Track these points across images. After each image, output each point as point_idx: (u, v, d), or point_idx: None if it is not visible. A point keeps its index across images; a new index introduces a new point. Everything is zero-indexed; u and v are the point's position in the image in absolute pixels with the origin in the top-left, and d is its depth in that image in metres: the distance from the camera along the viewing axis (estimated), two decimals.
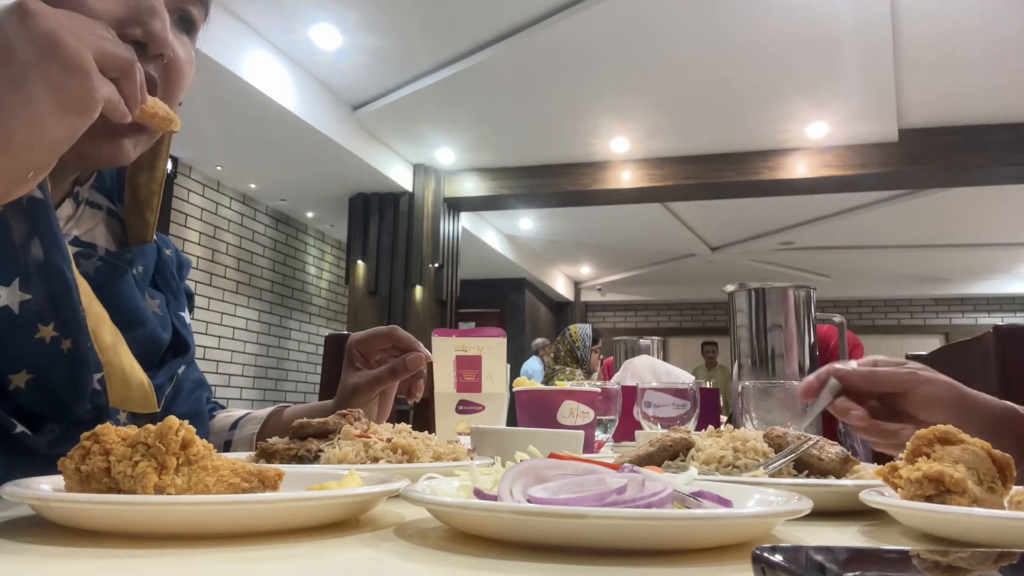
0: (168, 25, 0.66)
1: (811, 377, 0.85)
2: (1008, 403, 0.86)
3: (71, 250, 0.69)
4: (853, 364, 0.85)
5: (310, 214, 7.82)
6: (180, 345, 0.82)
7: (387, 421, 0.91)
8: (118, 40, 0.55)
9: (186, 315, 0.87)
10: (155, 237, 0.83)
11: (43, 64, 0.49)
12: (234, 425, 0.98)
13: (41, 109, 0.49)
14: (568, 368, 4.42)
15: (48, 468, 0.65)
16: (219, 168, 6.36)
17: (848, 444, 1.43)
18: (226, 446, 0.96)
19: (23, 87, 0.49)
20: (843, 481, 0.62)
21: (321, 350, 1.99)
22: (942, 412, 0.80)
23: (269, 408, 1.02)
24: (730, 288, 1.30)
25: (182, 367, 0.84)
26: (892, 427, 0.82)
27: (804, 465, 0.66)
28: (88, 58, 0.51)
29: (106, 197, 0.79)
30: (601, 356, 5.10)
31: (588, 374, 4.46)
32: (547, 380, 4.28)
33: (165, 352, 0.80)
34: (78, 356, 0.67)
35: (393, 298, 6.88)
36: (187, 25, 0.72)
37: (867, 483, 0.58)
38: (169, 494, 0.43)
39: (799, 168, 6.52)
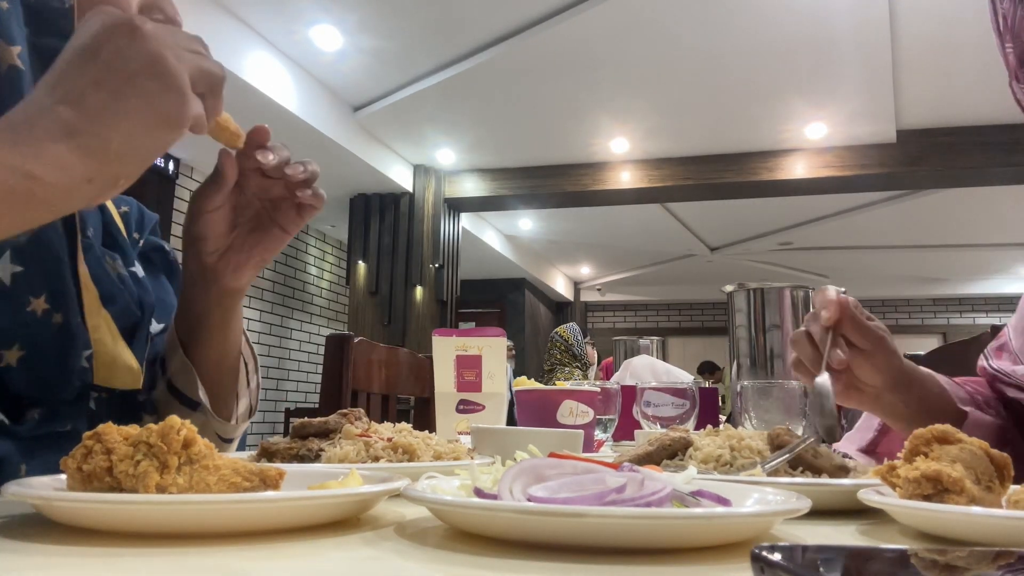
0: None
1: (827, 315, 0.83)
2: (927, 372, 0.89)
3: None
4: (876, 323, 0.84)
5: None
6: (142, 304, 0.81)
7: (388, 421, 0.92)
8: (211, 57, 0.57)
9: (137, 269, 0.84)
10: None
11: (144, 81, 0.52)
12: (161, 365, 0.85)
13: (137, 122, 0.52)
14: (568, 367, 4.44)
15: (28, 447, 0.66)
16: None
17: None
18: (171, 389, 0.82)
19: (124, 101, 0.51)
20: (841, 480, 0.62)
21: (322, 350, 1.99)
22: (880, 378, 0.84)
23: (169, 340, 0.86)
24: (729, 288, 1.30)
25: (155, 326, 0.83)
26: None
27: (801, 464, 0.66)
28: (185, 79, 0.53)
29: None
30: (595, 347, 5.13)
31: (586, 368, 4.48)
32: (546, 381, 4.29)
33: (138, 323, 0.80)
34: (68, 331, 0.68)
35: (394, 298, 6.88)
36: None
37: (865, 482, 0.58)
38: (171, 493, 0.43)
39: (798, 169, 6.52)
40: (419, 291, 6.90)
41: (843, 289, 0.86)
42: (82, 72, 0.51)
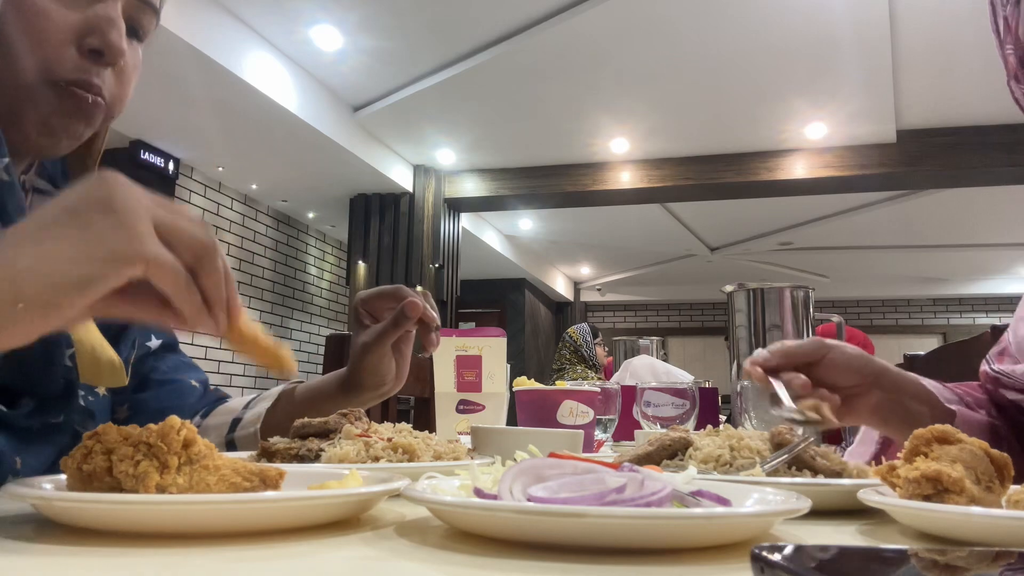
0: (124, 35, 0.70)
1: (752, 367, 0.83)
2: (911, 374, 0.88)
3: None
4: (763, 352, 0.84)
5: (311, 215, 7.82)
6: None
7: (388, 421, 0.92)
8: (199, 223, 0.51)
9: None
10: None
11: (91, 214, 0.47)
12: (234, 425, 0.96)
13: (63, 246, 0.46)
14: (579, 367, 4.41)
15: (21, 440, 0.67)
16: (220, 169, 6.36)
17: (849, 442, 1.44)
18: (229, 445, 0.95)
19: (56, 227, 0.46)
20: (842, 480, 0.62)
21: (322, 350, 1.99)
22: (853, 374, 0.83)
23: (275, 390, 1.01)
24: (729, 288, 1.30)
25: (154, 341, 0.88)
26: (824, 392, 0.83)
27: (802, 464, 0.66)
28: (141, 218, 0.47)
29: (48, 181, 0.81)
30: (607, 350, 5.10)
31: (597, 370, 4.45)
32: (553, 380, 4.26)
33: (125, 326, 0.83)
34: None
35: None
36: (137, 34, 0.76)
37: (865, 482, 0.58)
38: (171, 493, 0.43)
39: (798, 169, 6.52)
40: (419, 291, 6.89)
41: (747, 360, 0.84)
42: (40, 210, 0.48)
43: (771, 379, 0.79)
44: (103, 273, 0.46)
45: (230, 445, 0.94)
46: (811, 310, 1.27)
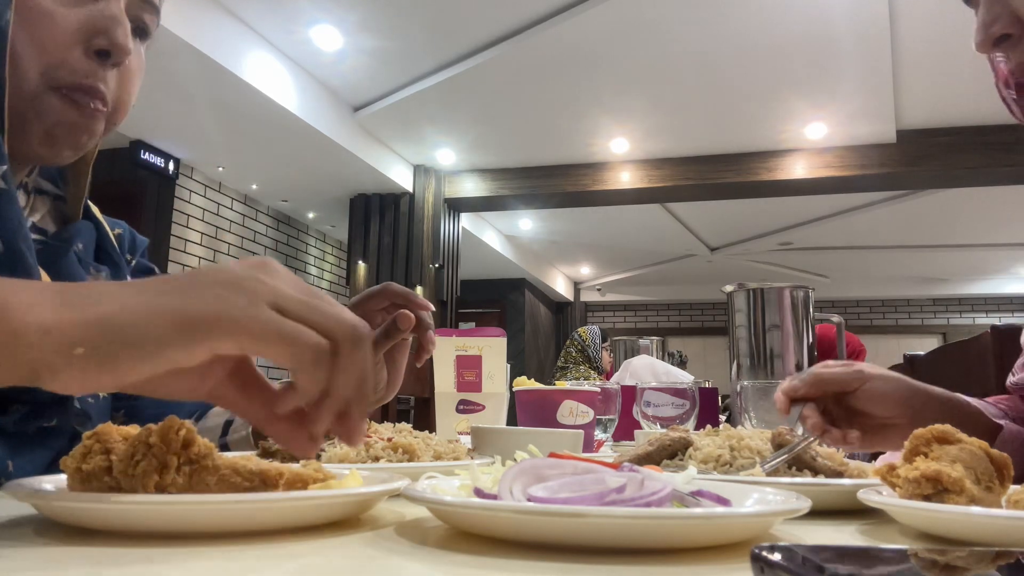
0: (129, 34, 0.70)
1: (778, 394, 0.83)
2: (955, 394, 0.87)
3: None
4: (794, 381, 0.82)
5: (311, 215, 7.82)
6: None
7: (388, 421, 0.92)
8: (349, 311, 0.45)
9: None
10: (103, 218, 0.86)
11: (212, 286, 0.42)
12: (226, 428, 0.96)
13: (155, 300, 0.41)
14: (582, 367, 4.41)
15: (14, 444, 0.67)
16: (220, 169, 6.36)
17: None
18: (223, 448, 0.95)
19: (170, 290, 0.42)
20: (842, 480, 0.62)
21: None
22: (893, 405, 0.81)
23: None
24: (729, 288, 1.30)
25: None
26: (838, 433, 0.81)
27: (802, 464, 0.66)
28: (265, 294, 0.42)
29: (50, 182, 0.81)
30: (612, 356, 5.09)
31: (600, 372, 4.45)
32: (557, 378, 4.25)
33: None
34: None
35: None
36: (141, 33, 0.75)
37: (865, 482, 0.58)
38: (170, 493, 0.43)
39: (797, 169, 6.52)
40: (419, 291, 6.90)
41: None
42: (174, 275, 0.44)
43: (792, 409, 0.78)
44: (203, 337, 0.41)
45: (223, 448, 0.94)
46: (811, 310, 1.27)
